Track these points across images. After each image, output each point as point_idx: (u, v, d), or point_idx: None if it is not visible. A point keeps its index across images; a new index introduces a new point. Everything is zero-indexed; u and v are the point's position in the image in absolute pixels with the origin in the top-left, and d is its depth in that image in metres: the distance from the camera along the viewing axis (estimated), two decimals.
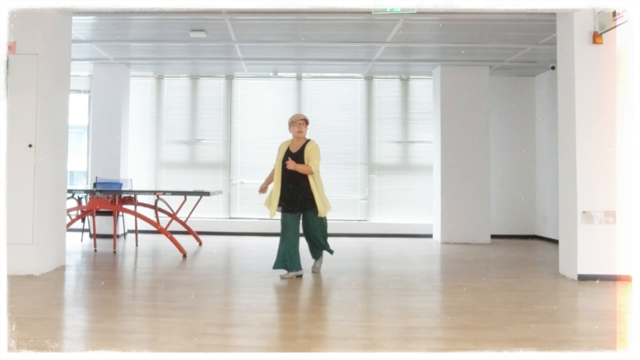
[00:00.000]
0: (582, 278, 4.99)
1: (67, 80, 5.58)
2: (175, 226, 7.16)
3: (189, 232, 7.41)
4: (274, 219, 5.13)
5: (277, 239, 7.83)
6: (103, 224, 7.50)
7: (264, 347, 2.98)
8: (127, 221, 8.23)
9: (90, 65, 8.19)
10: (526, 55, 7.35)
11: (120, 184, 7.26)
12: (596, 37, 5.03)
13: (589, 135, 5.06)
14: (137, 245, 7.20)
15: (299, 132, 5.10)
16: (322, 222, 5.02)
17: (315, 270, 5.15)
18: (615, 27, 4.78)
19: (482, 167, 7.95)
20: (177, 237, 6.57)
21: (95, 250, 6.63)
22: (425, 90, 8.79)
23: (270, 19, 5.90)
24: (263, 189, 5.21)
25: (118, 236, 7.72)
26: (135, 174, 8.54)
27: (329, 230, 5.18)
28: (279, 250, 4.94)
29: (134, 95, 8.74)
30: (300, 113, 5.19)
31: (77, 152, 8.88)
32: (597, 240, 5.00)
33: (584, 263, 5.00)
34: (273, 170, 5.11)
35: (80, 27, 6.27)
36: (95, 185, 7.04)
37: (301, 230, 5.02)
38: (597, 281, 4.87)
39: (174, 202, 7.17)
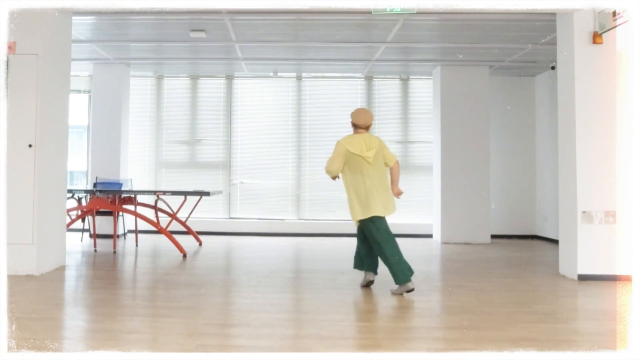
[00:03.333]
0: (582, 278, 4.98)
1: (67, 80, 5.58)
2: (175, 226, 7.15)
3: (189, 232, 7.41)
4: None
5: (277, 239, 7.81)
6: (103, 224, 7.49)
7: (264, 347, 2.98)
8: (127, 221, 8.23)
9: (90, 65, 8.19)
10: (526, 55, 7.35)
11: (120, 184, 7.26)
12: (596, 37, 5.03)
13: (589, 135, 5.06)
14: (137, 245, 7.20)
15: None
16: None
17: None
18: (615, 27, 4.78)
19: (482, 167, 7.95)
20: (177, 237, 6.57)
21: (95, 250, 6.63)
22: (425, 90, 8.79)
23: (270, 19, 5.90)
24: None
25: (118, 236, 7.72)
26: (135, 174, 8.54)
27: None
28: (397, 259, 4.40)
29: (134, 95, 8.74)
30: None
31: (77, 152, 8.88)
32: (597, 240, 5.00)
33: (584, 263, 5.00)
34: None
35: (80, 27, 6.27)
36: (95, 185, 7.04)
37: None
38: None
39: (174, 202, 7.16)
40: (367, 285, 4.60)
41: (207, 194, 6.69)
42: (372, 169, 4.40)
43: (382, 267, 5.86)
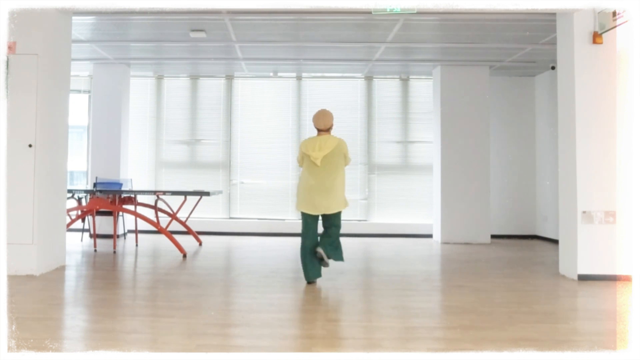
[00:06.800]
0: (582, 278, 4.99)
1: (67, 80, 5.58)
2: (175, 226, 7.16)
3: (189, 232, 7.41)
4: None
5: (277, 239, 7.81)
6: (103, 224, 7.50)
7: (264, 347, 2.98)
8: (127, 221, 8.23)
9: (90, 65, 8.19)
10: (526, 55, 7.35)
11: (120, 184, 7.26)
12: (596, 37, 5.03)
13: (589, 135, 5.06)
14: (137, 245, 7.20)
15: None
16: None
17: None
18: (615, 27, 4.78)
19: (482, 167, 7.95)
20: (177, 237, 6.57)
21: (95, 250, 6.63)
22: (425, 90, 8.80)
23: (270, 19, 5.90)
24: None
25: (118, 236, 7.72)
26: (135, 174, 8.54)
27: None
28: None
29: (134, 95, 8.75)
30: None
31: (77, 152, 8.88)
32: (597, 240, 5.00)
33: (584, 263, 5.00)
34: None
35: (80, 27, 6.27)
36: (95, 185, 7.04)
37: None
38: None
39: (174, 202, 7.17)
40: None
41: (207, 194, 6.69)
42: (320, 170, 4.75)
43: (382, 269, 5.86)
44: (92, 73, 8.28)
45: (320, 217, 4.90)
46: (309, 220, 4.85)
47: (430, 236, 8.37)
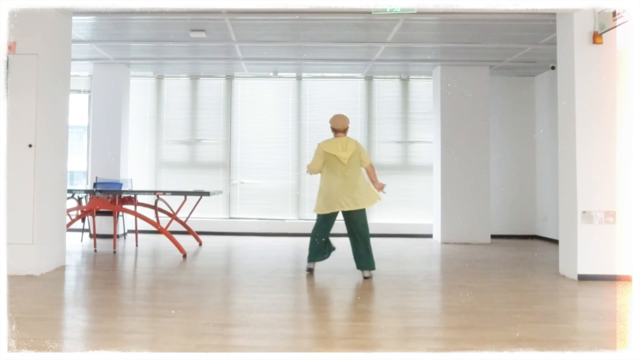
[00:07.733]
0: (582, 278, 4.99)
1: (67, 80, 5.58)
2: (175, 226, 7.16)
3: (189, 232, 7.41)
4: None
5: (277, 239, 7.84)
6: (103, 224, 7.50)
7: (264, 347, 2.98)
8: (127, 221, 8.23)
9: (90, 65, 8.19)
10: (526, 55, 7.35)
11: (120, 184, 7.26)
12: (596, 37, 5.03)
13: (589, 135, 5.06)
14: (137, 245, 7.20)
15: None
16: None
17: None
18: (615, 27, 4.78)
19: (482, 167, 7.95)
20: (177, 237, 6.57)
21: (95, 250, 6.63)
22: (425, 90, 8.80)
23: (270, 19, 5.90)
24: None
25: (118, 236, 7.72)
26: (135, 174, 8.54)
27: (332, 231, 5.25)
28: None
29: (134, 95, 8.74)
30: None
31: (77, 152, 8.88)
32: (597, 240, 5.00)
33: (584, 263, 5.00)
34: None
35: (80, 27, 6.27)
36: (95, 185, 7.04)
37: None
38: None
39: (174, 202, 7.16)
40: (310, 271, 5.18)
41: (207, 194, 6.69)
42: (346, 169, 5.02)
43: (382, 269, 5.86)
44: (92, 73, 8.28)
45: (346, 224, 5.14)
46: (326, 217, 5.09)
47: (430, 236, 8.37)
